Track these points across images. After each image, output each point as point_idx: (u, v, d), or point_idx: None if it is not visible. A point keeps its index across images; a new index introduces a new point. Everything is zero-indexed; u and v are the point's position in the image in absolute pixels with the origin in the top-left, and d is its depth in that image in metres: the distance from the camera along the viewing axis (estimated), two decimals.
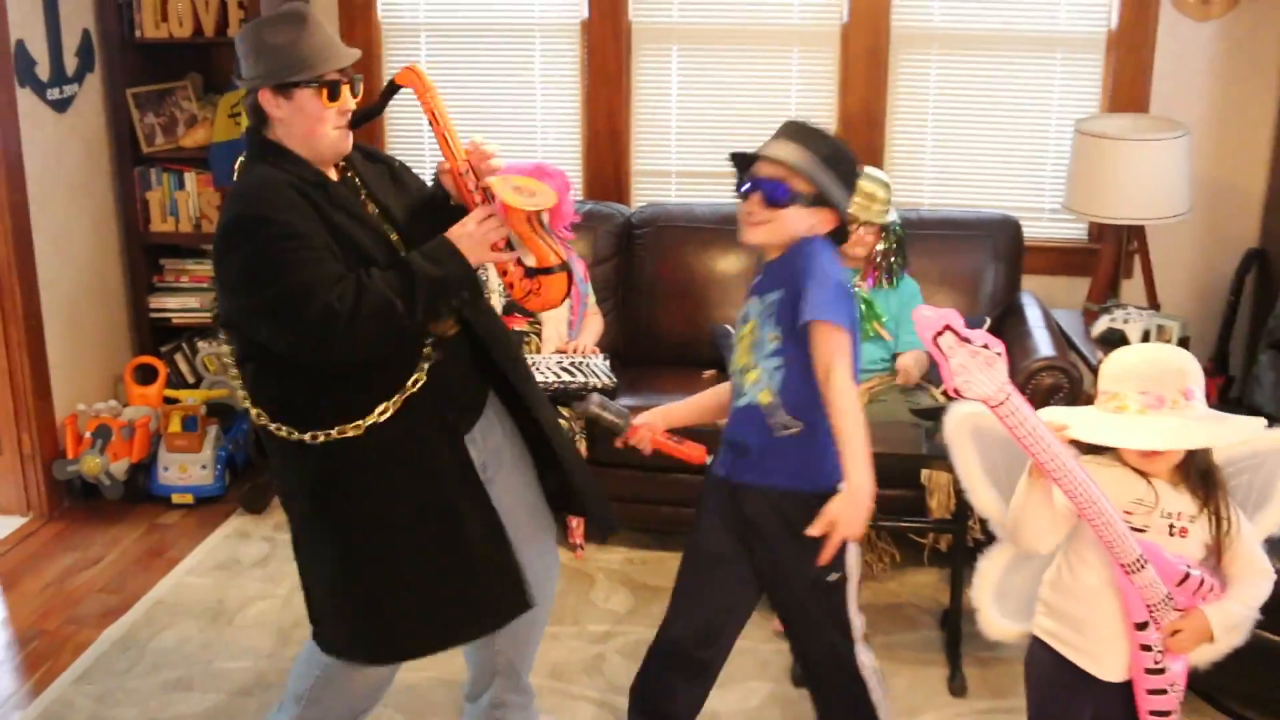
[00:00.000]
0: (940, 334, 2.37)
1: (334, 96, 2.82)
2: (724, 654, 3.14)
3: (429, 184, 3.10)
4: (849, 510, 2.67)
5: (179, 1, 4.97)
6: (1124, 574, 2.56)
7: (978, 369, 2.37)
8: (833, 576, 2.93)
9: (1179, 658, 2.65)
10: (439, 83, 2.95)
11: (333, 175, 2.92)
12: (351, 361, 2.81)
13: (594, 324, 4.76)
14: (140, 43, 5.07)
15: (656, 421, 3.10)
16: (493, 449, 3.10)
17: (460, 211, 2.92)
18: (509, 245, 2.90)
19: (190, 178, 5.17)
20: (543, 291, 2.94)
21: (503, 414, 3.15)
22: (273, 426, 2.88)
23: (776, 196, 2.79)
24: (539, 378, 4.21)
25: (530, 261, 2.93)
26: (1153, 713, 2.67)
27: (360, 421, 2.85)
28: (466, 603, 2.99)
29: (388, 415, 2.86)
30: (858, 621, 3.01)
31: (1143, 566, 2.54)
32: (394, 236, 2.94)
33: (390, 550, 2.93)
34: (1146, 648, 2.61)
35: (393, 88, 2.93)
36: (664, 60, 5.29)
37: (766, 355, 2.83)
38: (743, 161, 2.89)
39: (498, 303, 4.49)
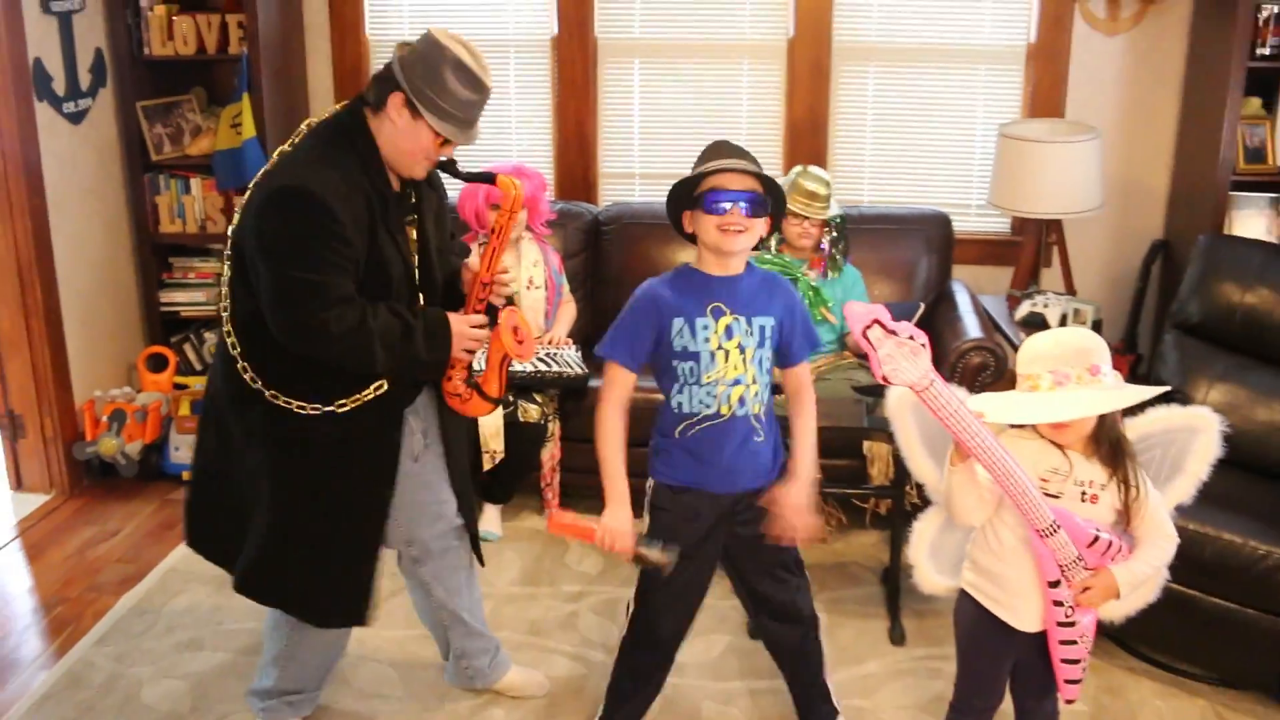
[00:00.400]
0: (869, 327, 2.39)
1: (445, 144, 2.83)
2: None
3: (458, 241, 3.16)
4: (804, 495, 2.86)
5: (183, 22, 4.92)
6: (1038, 537, 2.59)
7: (904, 358, 2.39)
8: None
9: (1088, 612, 2.68)
10: None
11: (395, 184, 2.89)
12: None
13: (568, 312, 4.74)
14: (148, 60, 5.02)
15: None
16: (431, 422, 3.11)
17: (458, 298, 3.02)
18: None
19: (196, 183, 5.13)
20: (467, 404, 3.05)
21: (434, 407, 3.14)
22: (244, 370, 2.86)
23: (755, 209, 2.80)
24: (515, 366, 4.21)
25: (478, 376, 3.04)
26: (1064, 660, 2.71)
27: (319, 405, 2.86)
28: (314, 587, 3.03)
29: (344, 409, 2.88)
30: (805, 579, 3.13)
31: (1055, 530, 2.56)
32: (416, 267, 2.94)
33: (295, 510, 2.95)
34: (1059, 603, 2.64)
35: (489, 179, 2.95)
36: (627, 73, 5.28)
37: (764, 372, 2.90)
38: (692, 179, 2.84)
39: (541, 322, 4.54)
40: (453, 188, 3.77)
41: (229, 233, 2.90)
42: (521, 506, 4.59)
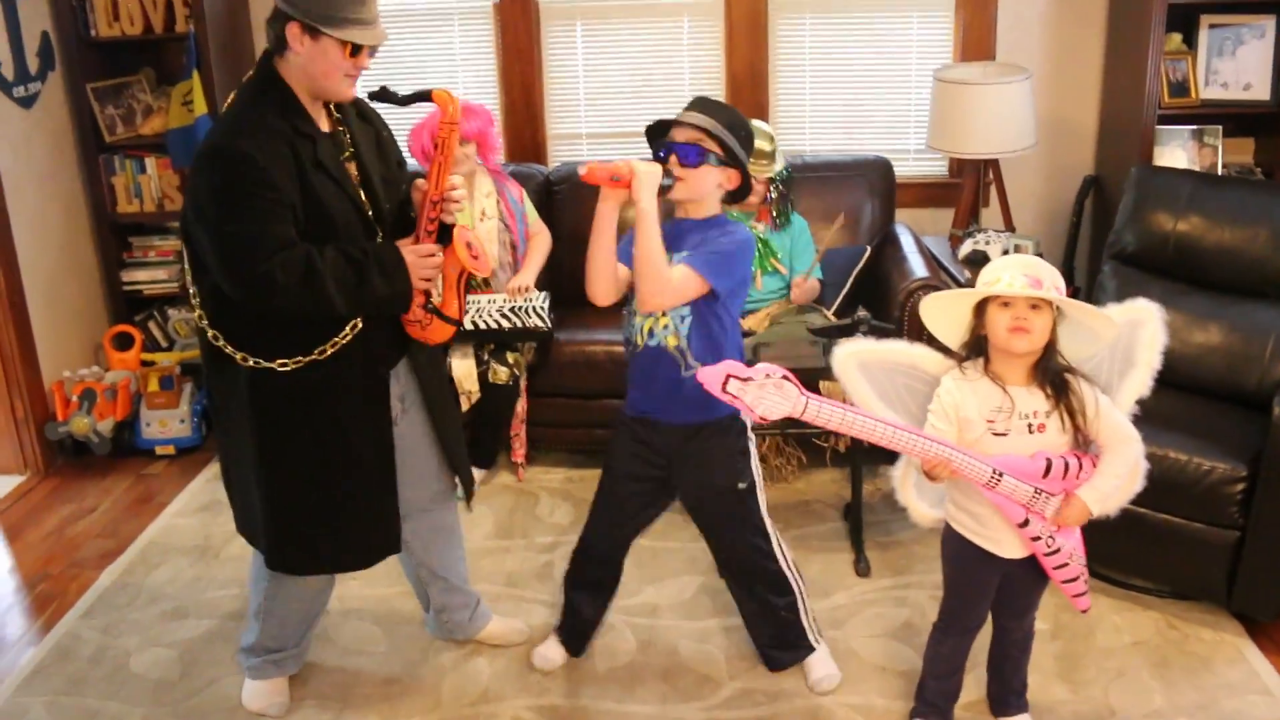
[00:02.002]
0: (725, 384, 2.45)
1: (354, 53, 2.73)
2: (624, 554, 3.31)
3: (405, 170, 3.04)
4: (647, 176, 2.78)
5: (129, 2, 4.79)
6: (986, 490, 2.62)
7: (769, 394, 2.45)
8: (742, 485, 3.07)
9: (1070, 533, 2.71)
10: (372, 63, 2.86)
11: (324, 125, 2.82)
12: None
13: (540, 244, 4.61)
14: (95, 41, 4.89)
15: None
16: (406, 387, 3.06)
17: (410, 224, 2.92)
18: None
19: (151, 162, 5.01)
20: (428, 329, 2.96)
21: (411, 368, 3.09)
22: (215, 338, 2.81)
23: (690, 157, 2.84)
24: (480, 322, 4.16)
25: (436, 300, 2.94)
26: (1065, 581, 2.77)
27: (301, 357, 2.80)
28: (342, 538, 2.99)
29: (324, 355, 2.81)
30: (771, 525, 3.14)
31: (999, 478, 2.59)
32: (365, 202, 2.86)
33: (296, 474, 2.90)
34: (1036, 538, 2.68)
35: (425, 96, 2.83)
36: (570, 35, 5.21)
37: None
38: (659, 129, 2.93)
39: (495, 252, 4.43)
40: (400, 124, 3.64)
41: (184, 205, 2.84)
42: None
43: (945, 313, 2.72)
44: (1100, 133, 5.06)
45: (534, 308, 4.31)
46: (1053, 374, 2.63)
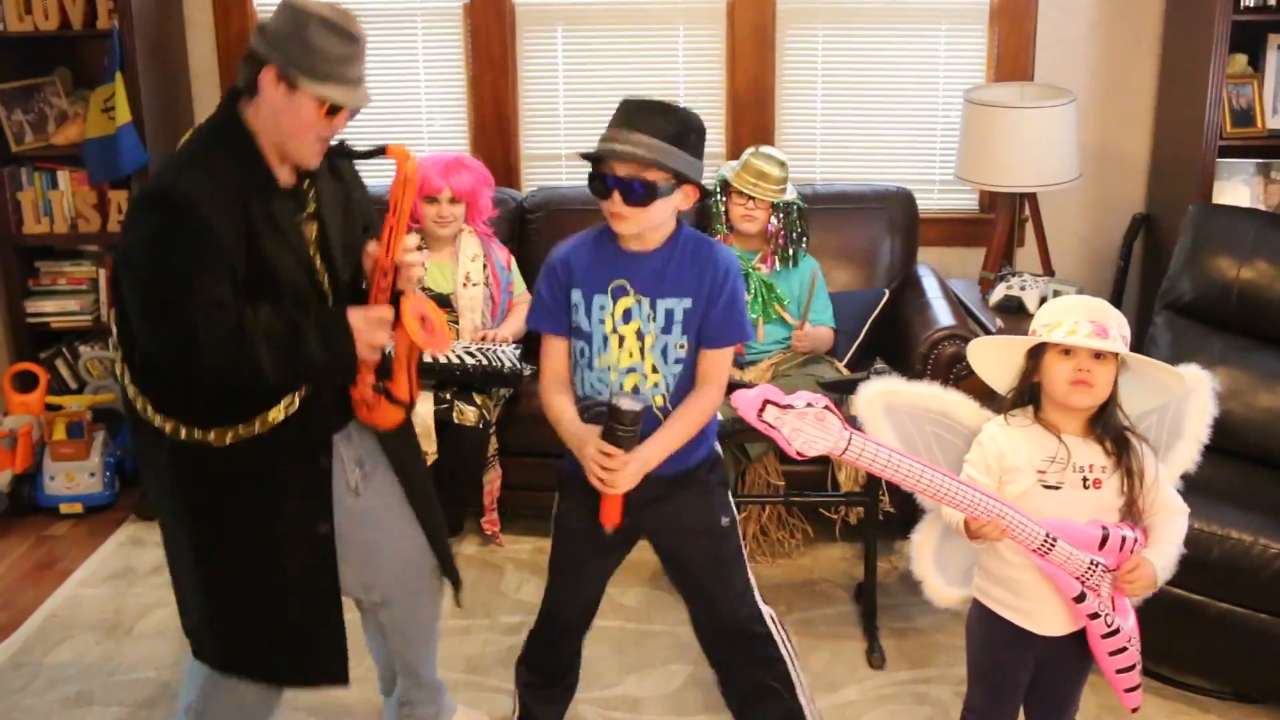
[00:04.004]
0: (762, 410, 2.45)
1: (331, 113, 2.75)
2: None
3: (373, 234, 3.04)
4: (631, 469, 2.79)
5: None
6: (1037, 556, 2.62)
7: (810, 427, 2.46)
8: (725, 520, 3.04)
9: (1127, 614, 2.70)
10: None
11: (285, 178, 2.83)
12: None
13: (521, 313, 4.62)
14: (3, 36, 4.88)
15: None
16: (369, 448, 3.04)
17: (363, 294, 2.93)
18: (384, 355, 2.91)
19: (64, 176, 5.00)
20: (375, 411, 2.96)
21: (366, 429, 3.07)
22: (143, 410, 2.80)
23: (636, 197, 2.77)
24: (442, 359, 4.16)
25: (384, 382, 2.94)
26: (1119, 670, 2.75)
27: (232, 430, 2.79)
28: (276, 646, 2.96)
29: (253, 431, 2.80)
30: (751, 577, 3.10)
31: (1052, 545, 2.59)
32: (320, 268, 2.87)
33: (226, 562, 2.89)
34: (1095, 615, 2.66)
35: (381, 151, 2.85)
36: (549, 42, 5.24)
37: (672, 361, 2.88)
38: (594, 158, 2.84)
39: (478, 321, 4.47)
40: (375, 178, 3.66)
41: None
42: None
43: (995, 355, 2.75)
44: (1153, 165, 5.10)
45: (501, 351, 4.31)
46: (1113, 430, 2.64)
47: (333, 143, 2.86)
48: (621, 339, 2.85)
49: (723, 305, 2.87)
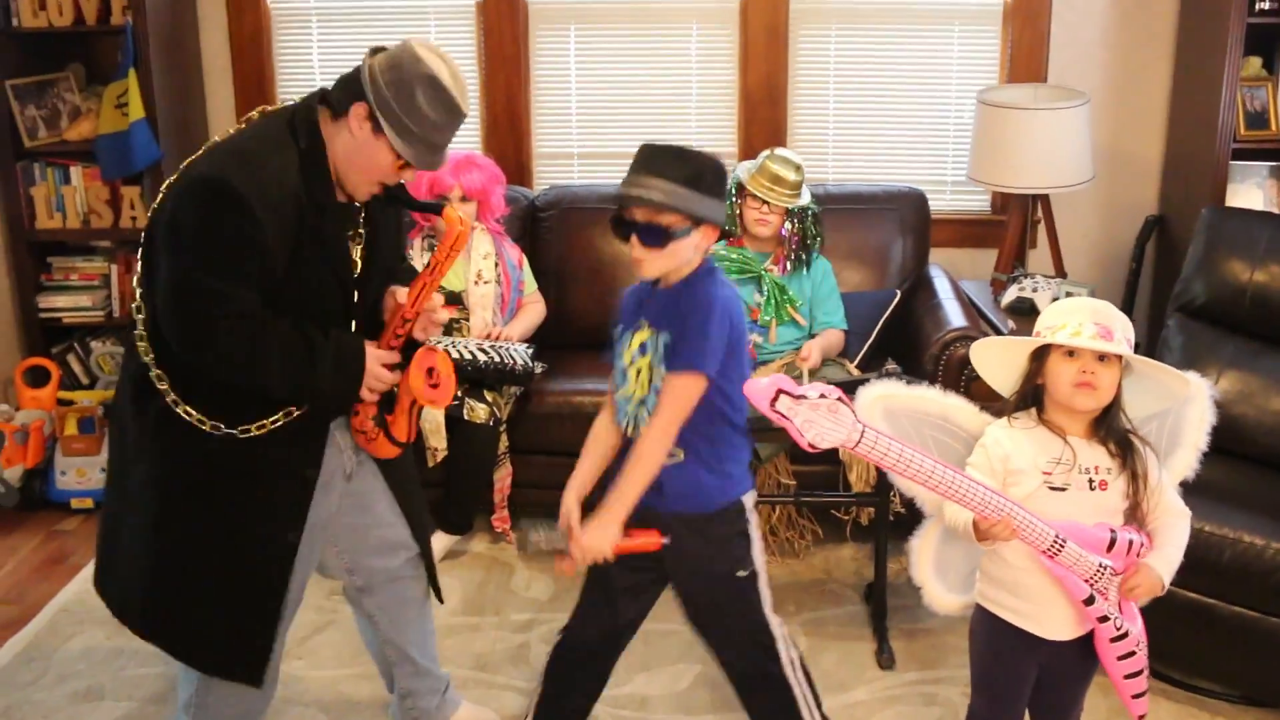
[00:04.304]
0: (775, 400, 2.43)
1: (404, 168, 2.79)
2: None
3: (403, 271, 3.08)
4: (594, 532, 2.81)
5: None
6: (1046, 558, 2.61)
7: (823, 419, 2.43)
8: (742, 573, 2.97)
9: (1134, 617, 2.70)
10: (331, 67, 2.88)
11: (342, 196, 2.85)
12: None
13: (531, 313, 4.68)
14: (18, 32, 4.90)
15: (572, 501, 2.92)
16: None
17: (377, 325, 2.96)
18: (387, 395, 2.95)
19: (76, 172, 5.01)
20: (373, 444, 3.00)
21: None
22: (159, 380, 2.80)
23: (653, 239, 2.78)
24: (454, 354, 4.16)
25: (386, 416, 2.97)
26: (1127, 676, 2.75)
27: (223, 425, 2.80)
28: (209, 629, 2.95)
29: (250, 434, 2.82)
30: (775, 621, 3.03)
31: (1061, 546, 2.59)
32: (356, 289, 2.90)
33: (187, 535, 2.88)
34: (1105, 618, 2.66)
35: (437, 208, 2.90)
36: (562, 41, 5.25)
37: (659, 391, 2.85)
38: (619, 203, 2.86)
39: (489, 319, 4.50)
40: None
41: (149, 215, 2.84)
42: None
43: (998, 356, 2.75)
44: (1166, 167, 5.10)
45: (514, 349, 4.32)
46: (1117, 433, 2.64)
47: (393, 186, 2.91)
48: (638, 372, 2.86)
49: (689, 330, 2.80)
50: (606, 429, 2.98)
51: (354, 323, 2.92)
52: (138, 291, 2.84)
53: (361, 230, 2.92)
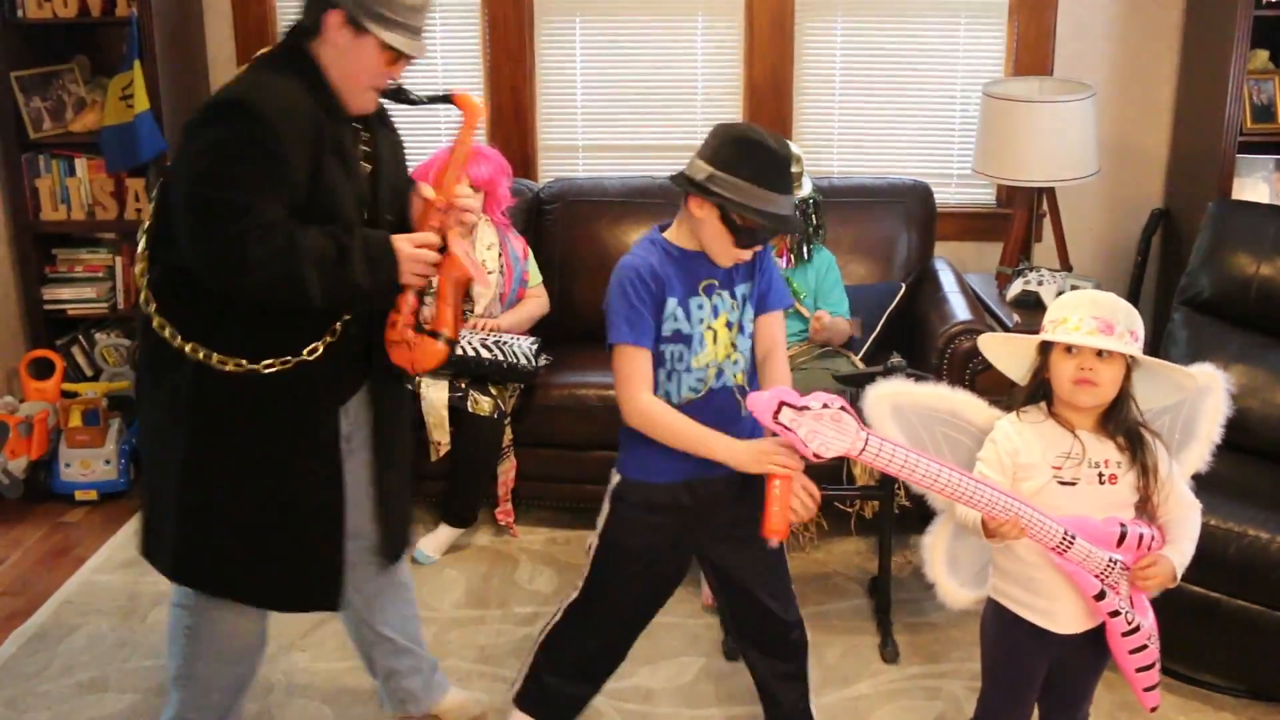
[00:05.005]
0: (778, 412, 2.45)
1: (393, 61, 2.79)
2: None
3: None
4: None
5: None
6: (1055, 554, 2.61)
7: (827, 428, 2.46)
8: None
9: (1146, 611, 2.70)
10: None
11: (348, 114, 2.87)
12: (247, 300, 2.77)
13: (530, 306, 4.68)
14: (22, 23, 4.90)
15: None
16: (359, 423, 3.05)
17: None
18: (425, 289, 2.91)
19: (81, 164, 5.02)
20: (415, 349, 2.95)
21: (367, 402, 3.08)
22: (160, 326, 2.82)
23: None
24: (459, 351, 4.17)
25: (426, 315, 2.94)
26: (1139, 669, 2.74)
27: (246, 362, 2.80)
28: (265, 567, 2.96)
29: (274, 370, 2.82)
30: None
31: (1071, 542, 2.59)
32: (369, 207, 2.90)
33: (225, 475, 2.89)
34: (1116, 613, 2.65)
35: (446, 99, 2.90)
36: (567, 33, 5.25)
37: (747, 335, 2.92)
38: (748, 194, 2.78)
39: (487, 297, 4.50)
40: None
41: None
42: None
43: (1008, 350, 2.76)
44: (1172, 161, 5.09)
45: (519, 346, 4.32)
46: (1125, 426, 2.64)
47: (392, 87, 2.90)
48: (715, 334, 2.86)
49: (770, 273, 2.95)
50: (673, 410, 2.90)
51: None
52: (141, 249, 2.85)
53: (367, 150, 2.92)
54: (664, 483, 2.91)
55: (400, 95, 2.92)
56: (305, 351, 2.83)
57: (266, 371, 2.81)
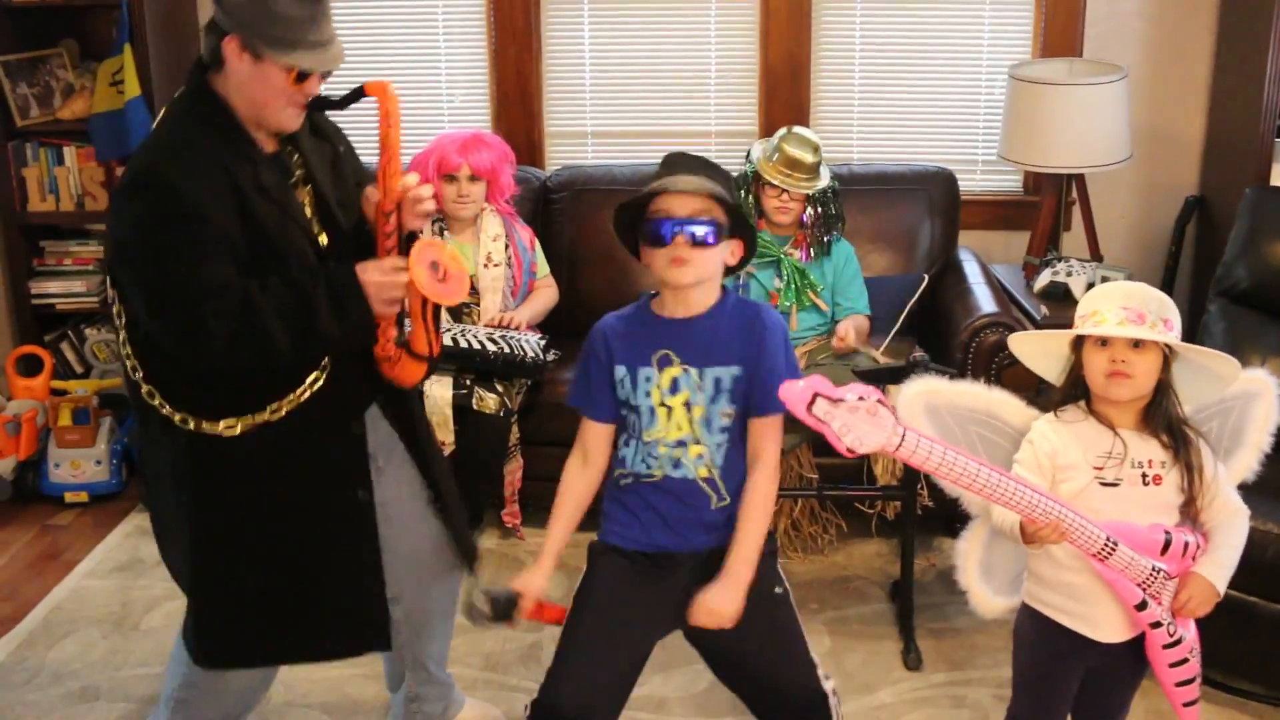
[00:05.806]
0: (812, 404, 2.40)
1: (300, 79, 2.75)
2: None
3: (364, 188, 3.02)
4: (728, 598, 2.72)
5: None
6: (1096, 561, 2.59)
7: (862, 422, 2.40)
8: (779, 589, 2.92)
9: (1188, 624, 2.69)
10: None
11: (268, 147, 2.84)
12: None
13: (542, 297, 4.69)
14: (8, 6, 4.92)
15: (549, 566, 2.96)
16: (382, 439, 3.04)
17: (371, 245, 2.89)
18: (401, 309, 2.89)
19: (70, 152, 5.03)
20: (398, 367, 2.94)
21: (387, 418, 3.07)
22: (150, 396, 2.82)
23: (708, 237, 2.73)
24: (462, 344, 4.17)
25: (406, 335, 2.93)
26: (1179, 684, 2.73)
27: (251, 418, 2.81)
28: (310, 622, 2.98)
29: (279, 414, 2.83)
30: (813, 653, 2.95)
31: (1113, 549, 2.57)
32: (319, 231, 2.88)
33: (246, 551, 2.91)
34: (1157, 624, 2.64)
35: (359, 94, 2.84)
36: (575, 15, 5.24)
37: (717, 430, 2.82)
38: (636, 204, 2.79)
39: (499, 302, 4.50)
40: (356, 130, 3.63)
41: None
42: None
43: (1040, 348, 2.75)
44: (1207, 146, 5.07)
45: (525, 339, 4.32)
46: (1167, 420, 2.62)
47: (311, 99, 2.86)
48: (670, 411, 2.80)
49: (766, 373, 2.78)
50: (581, 480, 2.92)
51: (334, 260, 2.89)
52: (117, 318, 2.86)
53: (299, 172, 2.90)
54: (631, 550, 2.89)
55: (319, 104, 2.88)
56: (295, 395, 2.84)
57: (274, 418, 2.83)
